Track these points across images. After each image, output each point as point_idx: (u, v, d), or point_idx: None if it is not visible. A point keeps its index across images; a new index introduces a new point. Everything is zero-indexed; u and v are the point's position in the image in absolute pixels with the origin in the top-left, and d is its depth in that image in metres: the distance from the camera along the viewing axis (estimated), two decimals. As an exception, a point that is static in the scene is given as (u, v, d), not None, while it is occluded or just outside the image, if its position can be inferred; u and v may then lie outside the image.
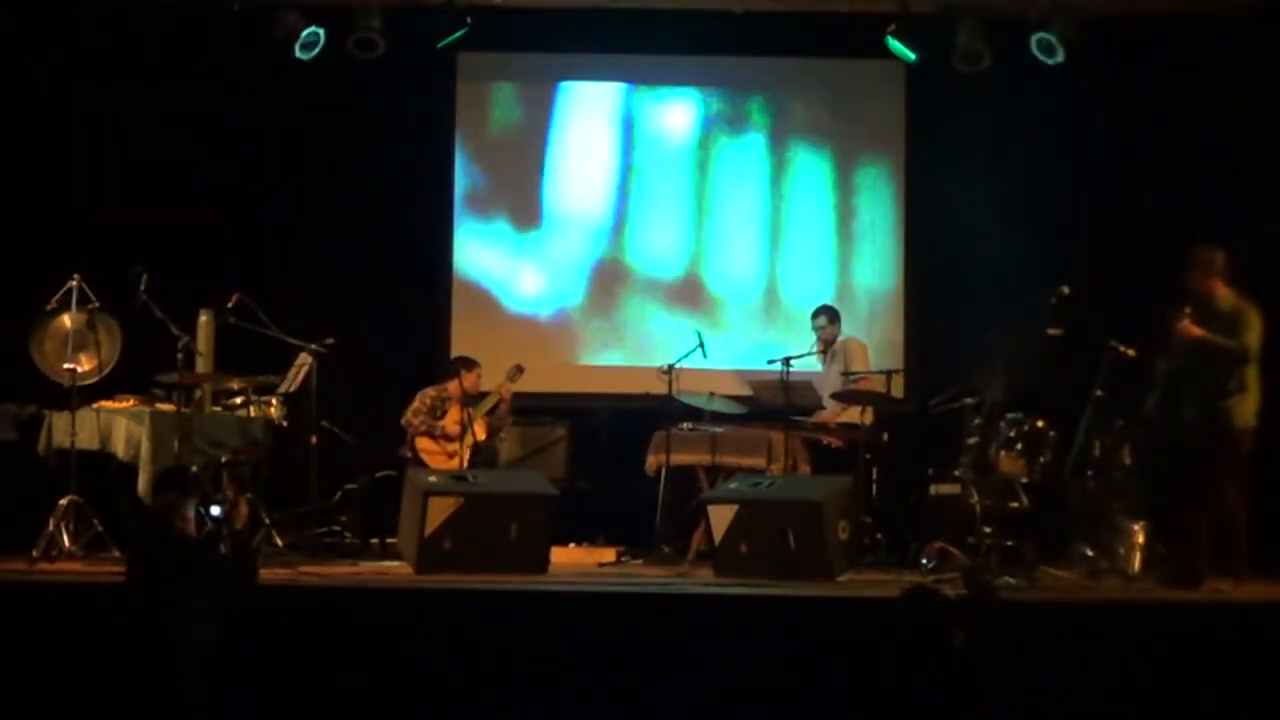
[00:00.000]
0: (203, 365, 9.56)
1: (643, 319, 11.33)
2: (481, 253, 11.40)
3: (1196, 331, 8.19)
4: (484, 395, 10.40)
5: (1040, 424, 8.96)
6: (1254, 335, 8.21)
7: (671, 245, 11.38)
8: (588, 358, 11.38)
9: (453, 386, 10.35)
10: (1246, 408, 8.22)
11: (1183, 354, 8.27)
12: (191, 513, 6.64)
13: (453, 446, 10.19)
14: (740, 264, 11.37)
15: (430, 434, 10.22)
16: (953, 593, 6.46)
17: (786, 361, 9.79)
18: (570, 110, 11.49)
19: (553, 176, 11.45)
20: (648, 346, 11.01)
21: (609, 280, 11.40)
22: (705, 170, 11.40)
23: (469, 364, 10.42)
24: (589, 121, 11.47)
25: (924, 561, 8.69)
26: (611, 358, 11.31)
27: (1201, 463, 8.21)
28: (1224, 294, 8.30)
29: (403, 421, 10.26)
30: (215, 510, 6.88)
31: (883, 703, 6.38)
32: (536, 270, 11.41)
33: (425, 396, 10.31)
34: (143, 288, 9.20)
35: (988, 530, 8.75)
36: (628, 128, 11.46)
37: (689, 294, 11.31)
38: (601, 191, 11.44)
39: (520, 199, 11.43)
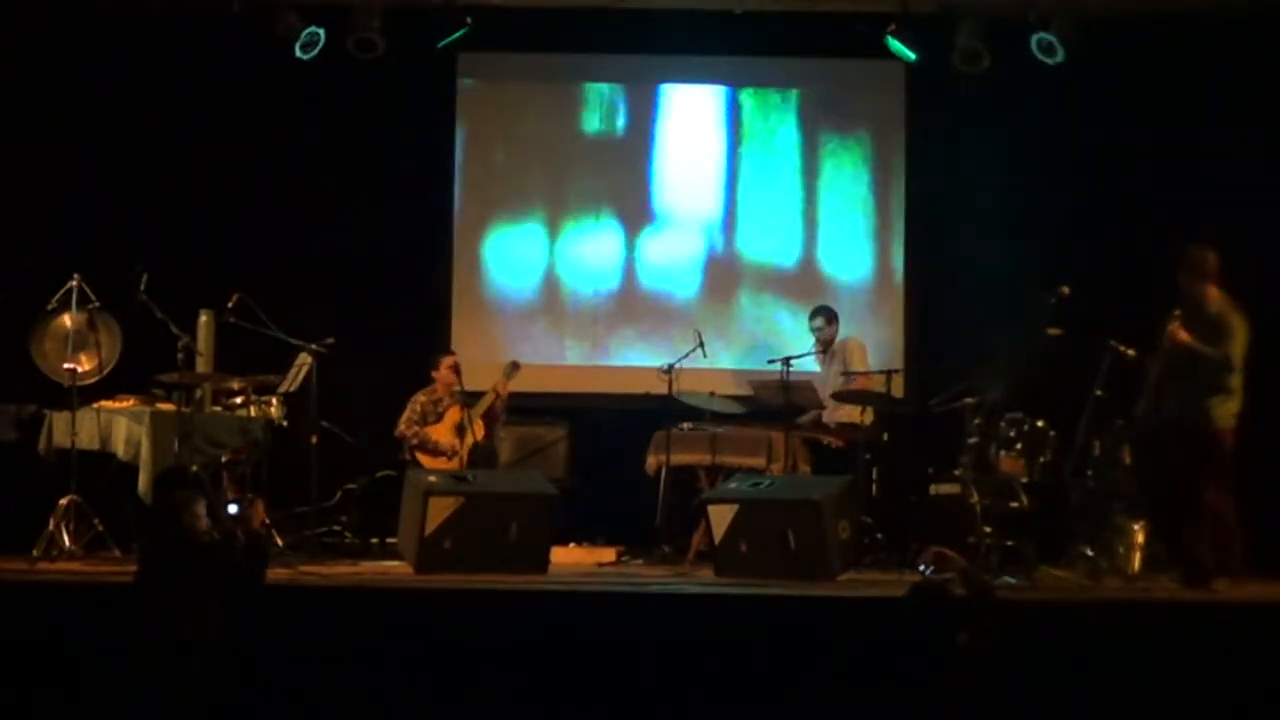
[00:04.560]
0: (203, 365, 9.56)
1: (642, 319, 11.32)
2: (482, 252, 11.39)
3: (1183, 337, 8.19)
4: (480, 394, 10.38)
5: (1040, 424, 8.97)
6: (1237, 344, 8.20)
7: (670, 244, 11.37)
8: (587, 358, 11.37)
9: (439, 385, 10.33)
10: (1227, 409, 8.21)
11: (1169, 357, 8.27)
12: (202, 511, 6.63)
13: (447, 454, 10.15)
14: (738, 264, 11.37)
15: (424, 447, 10.18)
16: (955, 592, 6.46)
17: (786, 361, 9.81)
18: (570, 110, 11.47)
19: (553, 176, 11.45)
20: (648, 346, 10.99)
21: (609, 280, 11.40)
22: (705, 169, 11.39)
23: (436, 356, 10.40)
24: (588, 121, 11.47)
25: (921, 567, 8.68)
26: (611, 357, 11.30)
27: (1185, 463, 8.21)
28: (1213, 297, 8.28)
29: (396, 434, 10.23)
30: (233, 509, 6.85)
31: (884, 703, 6.38)
32: (537, 270, 11.40)
33: (416, 404, 10.27)
34: (143, 288, 9.21)
35: (988, 530, 8.76)
36: (627, 127, 11.45)
37: (687, 295, 11.31)
38: (602, 191, 11.44)
39: (520, 199, 11.43)
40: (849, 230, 11.33)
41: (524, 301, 11.38)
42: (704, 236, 11.35)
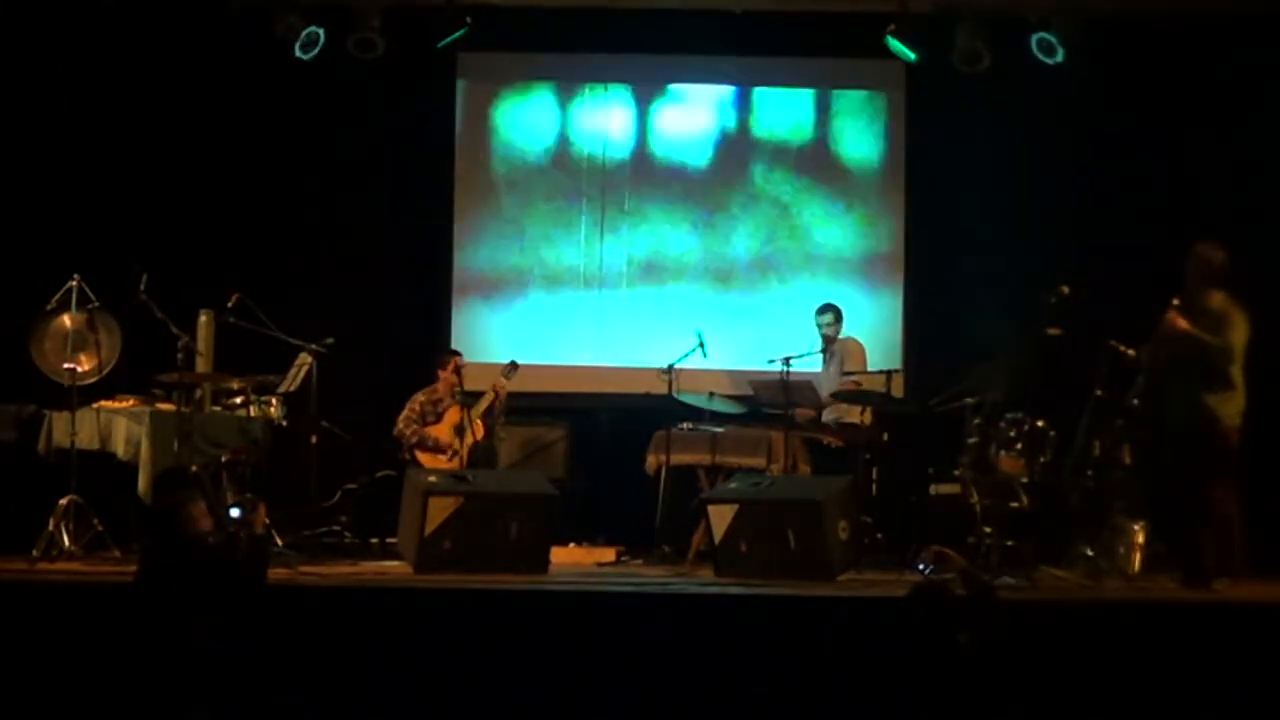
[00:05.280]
0: (203, 365, 9.56)
1: (642, 319, 11.32)
2: (482, 253, 11.39)
3: (1183, 324, 8.17)
4: (480, 394, 10.37)
5: (1040, 424, 8.96)
6: (1237, 337, 8.19)
7: (673, 245, 11.38)
8: (588, 358, 11.37)
9: (441, 385, 10.32)
10: (1232, 407, 8.20)
11: (1167, 345, 8.26)
12: (204, 511, 6.63)
13: (446, 453, 10.15)
14: (738, 263, 11.37)
15: (423, 445, 10.18)
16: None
17: (787, 361, 9.80)
18: (570, 110, 11.47)
19: (553, 176, 11.44)
20: (648, 346, 10.99)
21: (608, 280, 11.39)
22: (704, 170, 11.39)
23: (444, 356, 10.41)
24: (589, 121, 11.47)
25: (920, 566, 8.68)
26: (611, 358, 11.30)
27: (1190, 462, 8.20)
28: (1217, 295, 8.27)
29: (395, 433, 10.23)
30: (236, 512, 6.85)
31: (884, 703, 6.38)
32: (536, 270, 11.40)
33: (415, 403, 10.26)
34: (143, 287, 9.21)
35: (988, 530, 8.76)
36: (627, 128, 11.45)
37: (686, 295, 11.31)
38: (600, 192, 11.44)
39: (520, 199, 11.43)
40: (848, 229, 11.34)
41: (524, 301, 11.38)
42: (705, 236, 11.36)
